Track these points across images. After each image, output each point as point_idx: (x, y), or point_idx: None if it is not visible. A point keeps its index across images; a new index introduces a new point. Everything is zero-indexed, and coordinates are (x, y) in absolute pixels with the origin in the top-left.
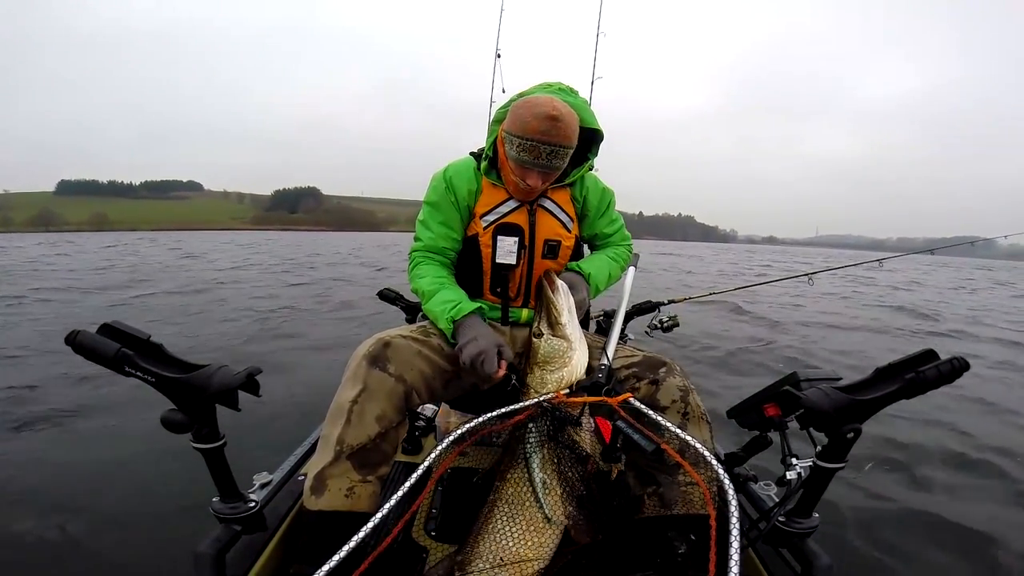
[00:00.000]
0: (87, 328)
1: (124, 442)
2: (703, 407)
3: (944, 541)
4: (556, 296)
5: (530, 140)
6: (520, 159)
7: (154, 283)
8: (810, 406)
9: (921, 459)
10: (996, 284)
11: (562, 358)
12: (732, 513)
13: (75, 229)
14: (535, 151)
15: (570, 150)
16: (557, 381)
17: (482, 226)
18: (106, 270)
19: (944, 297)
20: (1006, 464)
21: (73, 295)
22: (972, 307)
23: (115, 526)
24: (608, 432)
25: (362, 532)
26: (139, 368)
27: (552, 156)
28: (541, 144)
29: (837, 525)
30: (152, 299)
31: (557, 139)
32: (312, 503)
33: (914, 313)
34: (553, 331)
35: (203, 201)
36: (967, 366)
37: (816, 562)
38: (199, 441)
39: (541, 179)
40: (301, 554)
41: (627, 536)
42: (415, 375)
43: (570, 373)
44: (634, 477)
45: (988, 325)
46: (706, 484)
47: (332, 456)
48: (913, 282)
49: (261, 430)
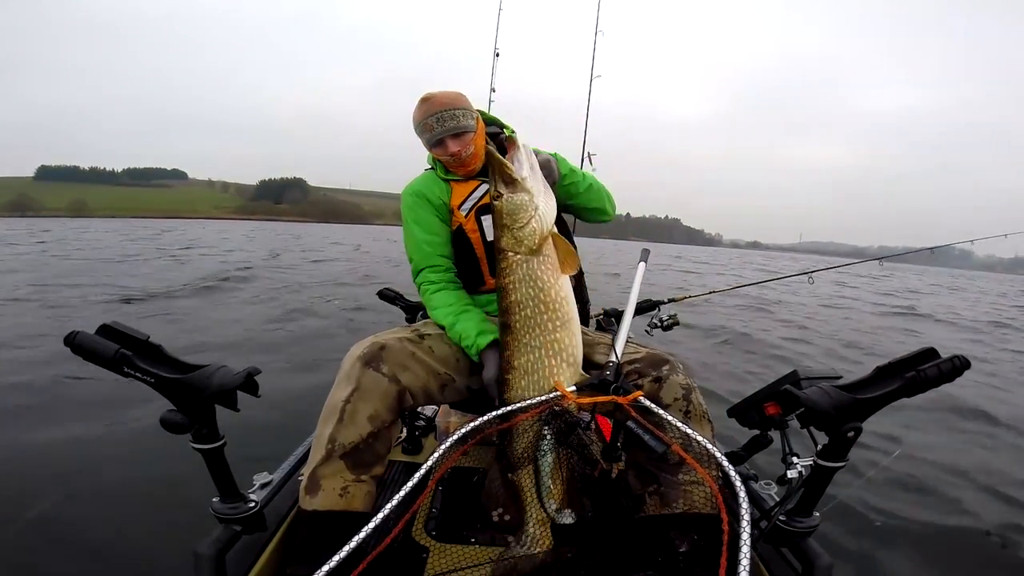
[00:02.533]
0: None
1: (123, 442)
2: (705, 406)
3: (944, 540)
4: (513, 153)
5: (422, 123)
6: (430, 140)
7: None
8: (811, 405)
9: (921, 458)
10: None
11: (527, 210)
12: (744, 511)
13: (52, 215)
14: (430, 126)
15: (456, 110)
16: (531, 236)
17: (463, 215)
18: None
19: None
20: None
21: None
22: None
23: (115, 526)
24: (608, 430)
25: (364, 532)
26: (138, 369)
27: (443, 120)
28: (429, 118)
29: (837, 525)
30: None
31: (436, 107)
32: (307, 503)
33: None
34: (511, 188)
35: (186, 190)
36: (968, 364)
37: (817, 561)
38: (199, 441)
39: (457, 143)
40: (298, 555)
41: (629, 535)
42: (409, 377)
43: (540, 223)
44: (635, 476)
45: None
46: (714, 483)
47: (324, 455)
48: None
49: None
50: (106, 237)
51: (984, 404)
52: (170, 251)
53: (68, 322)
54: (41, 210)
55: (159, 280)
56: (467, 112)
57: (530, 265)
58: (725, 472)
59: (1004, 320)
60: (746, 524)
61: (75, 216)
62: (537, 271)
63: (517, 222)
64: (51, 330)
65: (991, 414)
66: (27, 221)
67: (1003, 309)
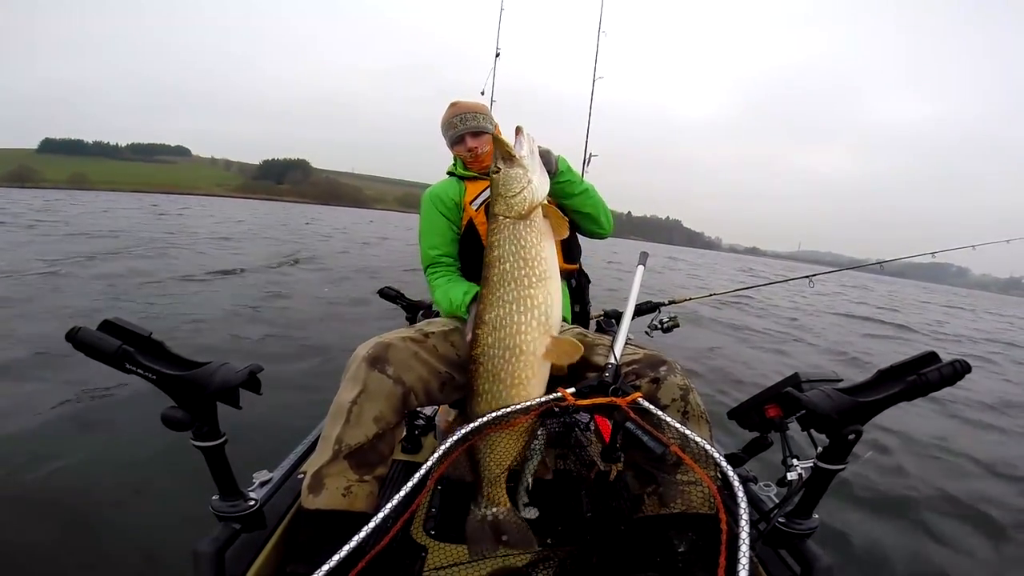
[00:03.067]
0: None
1: (122, 440)
2: (703, 406)
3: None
4: (518, 138)
5: (449, 121)
6: (453, 136)
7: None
8: (812, 407)
9: (920, 455)
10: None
11: (520, 182)
12: (743, 510)
13: (52, 187)
14: (454, 124)
15: (477, 114)
16: (521, 203)
17: (474, 209)
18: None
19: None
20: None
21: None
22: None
23: (114, 525)
24: (608, 431)
25: (364, 531)
26: (140, 365)
27: (465, 120)
28: (454, 117)
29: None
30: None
31: (463, 109)
32: (310, 502)
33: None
34: (508, 164)
35: (189, 166)
36: (969, 368)
37: (816, 563)
38: (199, 439)
39: (475, 140)
40: (298, 553)
41: (627, 535)
42: (413, 377)
43: (532, 193)
44: (633, 476)
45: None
46: (712, 483)
47: (330, 455)
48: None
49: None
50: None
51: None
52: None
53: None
54: (41, 182)
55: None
56: (487, 117)
57: (517, 227)
58: (723, 472)
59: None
60: (744, 524)
61: (76, 188)
62: (523, 232)
63: (510, 191)
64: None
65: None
66: (29, 192)
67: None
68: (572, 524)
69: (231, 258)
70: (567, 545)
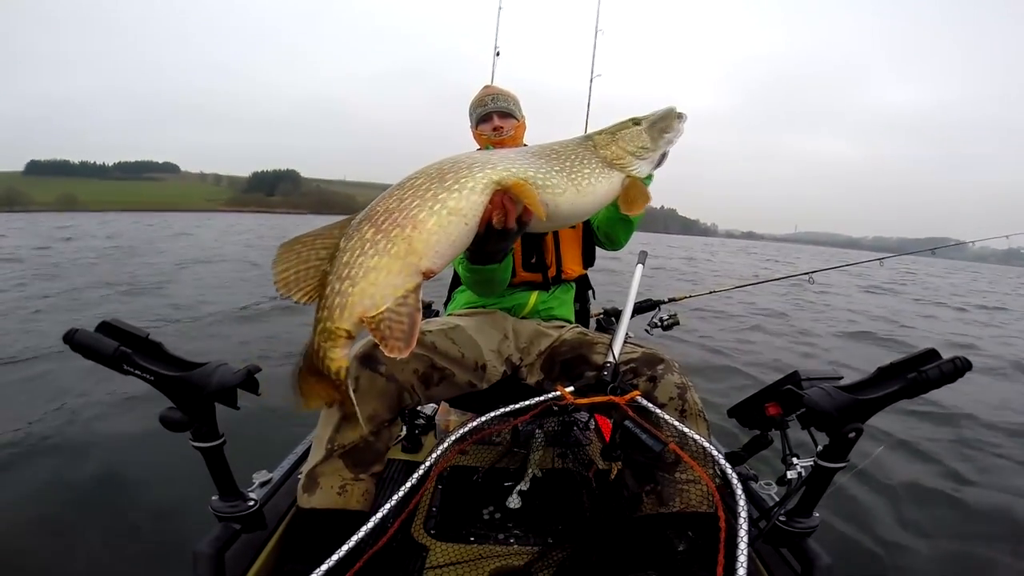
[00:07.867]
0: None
1: (121, 440)
2: (700, 404)
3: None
4: (677, 123)
5: (480, 100)
6: (481, 113)
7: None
8: (812, 405)
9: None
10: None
11: (637, 142)
12: (741, 508)
13: (41, 210)
14: (484, 102)
15: (507, 99)
16: (618, 154)
17: None
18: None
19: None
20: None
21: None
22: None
23: (114, 525)
24: (608, 430)
25: (363, 530)
26: (138, 366)
27: (496, 100)
28: (487, 96)
29: (837, 524)
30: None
31: (492, 92)
32: (305, 501)
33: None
34: (651, 130)
35: (178, 183)
36: (969, 365)
37: (817, 562)
38: (198, 440)
39: (503, 120)
40: (296, 553)
41: (626, 535)
42: (407, 374)
43: (631, 161)
44: (632, 475)
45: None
46: (711, 481)
47: (324, 455)
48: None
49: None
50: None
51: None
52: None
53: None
54: (30, 204)
55: None
56: (516, 103)
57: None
58: (722, 470)
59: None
60: (743, 521)
61: (65, 211)
62: (594, 164)
63: (624, 141)
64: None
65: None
66: (20, 216)
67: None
68: (572, 523)
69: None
70: (567, 544)
